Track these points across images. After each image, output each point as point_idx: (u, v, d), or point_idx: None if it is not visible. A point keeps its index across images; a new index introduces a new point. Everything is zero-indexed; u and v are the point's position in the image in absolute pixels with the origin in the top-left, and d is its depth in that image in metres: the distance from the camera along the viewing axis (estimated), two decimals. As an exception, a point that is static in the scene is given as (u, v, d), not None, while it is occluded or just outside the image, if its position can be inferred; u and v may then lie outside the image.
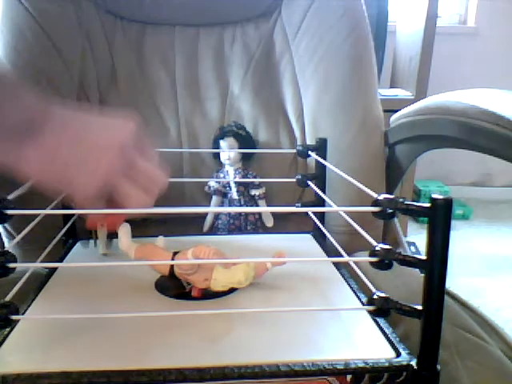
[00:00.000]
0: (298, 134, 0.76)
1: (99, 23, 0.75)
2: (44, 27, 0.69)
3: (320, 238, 0.62)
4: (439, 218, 0.33)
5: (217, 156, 0.73)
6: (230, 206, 0.72)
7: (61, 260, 0.55)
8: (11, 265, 0.36)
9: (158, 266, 0.47)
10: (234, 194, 0.72)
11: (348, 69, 0.74)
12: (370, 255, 0.38)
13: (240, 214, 0.72)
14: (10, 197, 0.41)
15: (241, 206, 0.72)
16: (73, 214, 0.59)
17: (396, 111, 0.72)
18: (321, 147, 0.66)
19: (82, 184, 0.40)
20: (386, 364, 0.36)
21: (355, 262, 0.45)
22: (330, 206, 0.61)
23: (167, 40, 0.77)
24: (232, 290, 0.47)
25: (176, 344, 0.38)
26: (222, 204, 0.73)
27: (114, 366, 0.34)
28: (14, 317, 0.36)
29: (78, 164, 0.39)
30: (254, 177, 0.72)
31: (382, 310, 0.37)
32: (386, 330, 0.40)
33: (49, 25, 0.69)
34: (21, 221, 0.46)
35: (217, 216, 0.73)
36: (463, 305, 0.54)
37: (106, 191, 0.40)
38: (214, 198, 0.73)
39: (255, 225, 0.72)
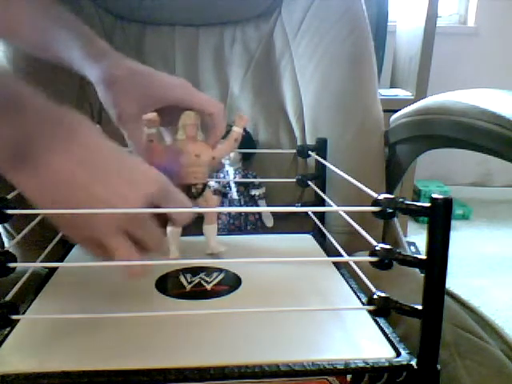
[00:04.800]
0: (297, 133, 0.76)
1: (99, 23, 0.75)
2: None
3: (320, 238, 0.62)
4: (439, 218, 0.33)
5: (217, 156, 0.73)
6: (230, 206, 0.72)
7: (61, 260, 0.55)
8: (11, 265, 0.36)
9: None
10: (234, 194, 0.72)
11: (348, 69, 0.74)
12: (370, 255, 0.38)
13: (240, 213, 0.72)
14: (10, 196, 0.41)
15: (241, 206, 0.72)
16: (73, 214, 0.59)
17: (396, 111, 0.72)
18: (321, 147, 0.66)
19: (72, 230, 0.36)
20: (386, 364, 0.36)
21: (355, 262, 0.45)
22: (330, 206, 0.61)
23: (167, 40, 0.77)
24: (232, 290, 0.47)
25: (176, 344, 0.38)
26: (222, 204, 0.73)
27: (114, 365, 0.34)
28: (14, 317, 0.36)
29: (76, 208, 0.35)
30: (254, 177, 0.72)
31: (382, 309, 0.37)
32: (386, 330, 0.40)
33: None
34: (21, 221, 0.46)
35: (217, 216, 0.73)
36: (463, 305, 0.54)
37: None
38: (215, 199, 0.73)
39: (255, 225, 0.72)
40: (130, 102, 0.47)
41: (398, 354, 0.37)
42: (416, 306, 0.36)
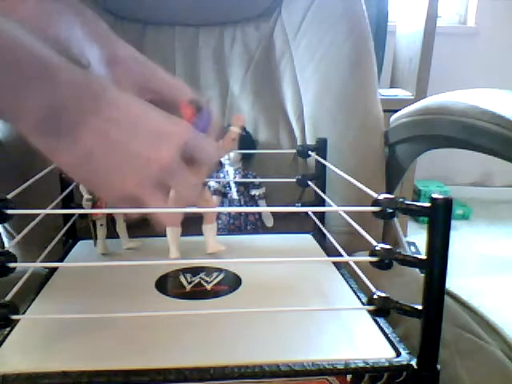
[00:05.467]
0: (297, 134, 0.76)
1: (99, 23, 0.75)
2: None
3: (320, 238, 0.62)
4: (439, 218, 0.33)
5: (217, 156, 0.73)
6: (230, 206, 0.72)
7: (61, 260, 0.55)
8: (11, 265, 0.36)
9: None
10: (234, 194, 0.72)
11: (348, 69, 0.74)
12: (370, 255, 0.38)
13: (240, 213, 0.72)
14: (10, 196, 0.41)
15: (241, 206, 0.72)
16: (73, 214, 0.59)
17: (396, 111, 0.72)
18: (321, 147, 0.66)
19: (110, 190, 0.37)
20: (386, 364, 0.36)
21: (355, 262, 0.45)
22: (330, 206, 0.61)
23: (167, 40, 0.77)
24: (232, 290, 0.47)
25: (176, 344, 0.38)
26: (222, 204, 0.73)
27: (113, 365, 0.34)
28: (14, 317, 0.36)
29: (111, 171, 0.36)
30: (254, 177, 0.72)
31: (382, 309, 0.37)
32: (386, 330, 0.40)
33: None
34: (21, 221, 0.46)
35: (217, 216, 0.73)
36: (463, 305, 0.53)
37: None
38: (214, 198, 0.73)
39: (255, 225, 0.72)
40: (130, 83, 0.47)
41: (398, 354, 0.37)
42: (416, 306, 0.36)
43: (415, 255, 0.36)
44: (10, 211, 0.39)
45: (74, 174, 0.37)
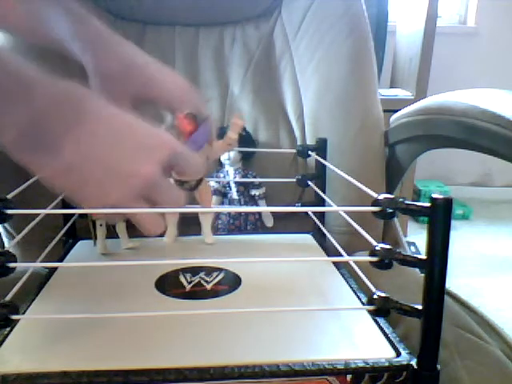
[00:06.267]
0: (297, 134, 0.76)
1: (99, 23, 0.75)
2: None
3: (320, 238, 0.62)
4: (439, 218, 0.33)
5: (217, 156, 0.73)
6: (230, 206, 0.72)
7: (61, 260, 0.55)
8: (11, 265, 0.36)
9: None
10: (234, 194, 0.72)
11: (348, 69, 0.74)
12: (370, 255, 0.38)
13: (240, 213, 0.72)
14: (10, 196, 0.41)
15: (241, 206, 0.72)
16: (73, 214, 0.59)
17: (396, 111, 0.72)
18: (321, 147, 0.66)
19: (93, 203, 0.37)
20: (386, 364, 0.36)
21: (355, 262, 0.45)
22: (330, 206, 0.61)
23: (167, 40, 0.77)
24: (232, 290, 0.47)
25: (176, 344, 0.38)
26: (222, 204, 0.73)
27: (113, 365, 0.34)
28: (14, 316, 0.36)
29: (93, 184, 0.36)
30: (254, 177, 0.72)
31: (382, 309, 0.37)
32: (386, 330, 0.40)
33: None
34: (21, 221, 0.46)
35: (217, 216, 0.73)
36: (463, 305, 0.54)
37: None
38: (214, 198, 0.73)
39: (255, 225, 0.72)
40: (124, 97, 0.46)
41: (398, 354, 0.37)
42: (416, 306, 0.36)
43: (415, 255, 0.36)
44: (10, 211, 0.39)
45: (57, 187, 0.36)
